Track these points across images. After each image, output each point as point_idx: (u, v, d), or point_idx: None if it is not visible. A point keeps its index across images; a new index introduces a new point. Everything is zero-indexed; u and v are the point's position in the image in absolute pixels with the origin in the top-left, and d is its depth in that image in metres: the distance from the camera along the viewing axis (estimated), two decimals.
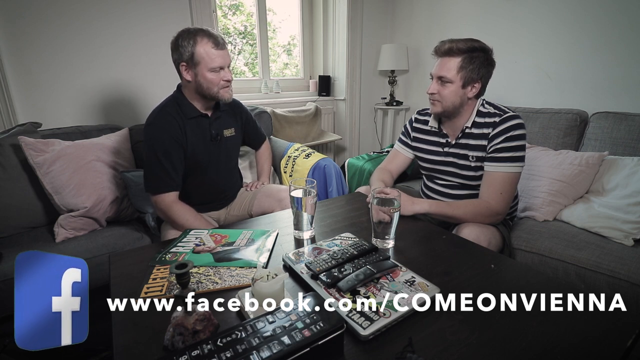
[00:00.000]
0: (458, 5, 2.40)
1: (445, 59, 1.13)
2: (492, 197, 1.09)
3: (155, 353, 0.56)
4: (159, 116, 1.15)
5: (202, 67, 1.12)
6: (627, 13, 1.67)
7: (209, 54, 1.11)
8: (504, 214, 1.12)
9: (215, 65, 1.12)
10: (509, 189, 1.09)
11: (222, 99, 1.18)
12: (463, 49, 1.10)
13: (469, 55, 1.10)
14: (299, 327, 0.51)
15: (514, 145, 1.08)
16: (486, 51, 1.12)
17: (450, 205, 1.11)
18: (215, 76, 1.14)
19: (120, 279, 0.77)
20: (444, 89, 1.13)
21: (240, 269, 0.79)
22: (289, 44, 2.97)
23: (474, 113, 1.16)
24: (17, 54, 1.63)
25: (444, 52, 1.13)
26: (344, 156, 3.02)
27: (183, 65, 1.13)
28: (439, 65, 1.14)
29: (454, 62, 1.11)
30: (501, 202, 1.09)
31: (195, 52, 1.10)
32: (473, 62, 1.10)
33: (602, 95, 1.81)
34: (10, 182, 1.40)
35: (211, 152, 1.25)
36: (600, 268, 1.14)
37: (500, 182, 1.09)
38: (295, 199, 0.90)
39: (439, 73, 1.14)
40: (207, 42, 1.11)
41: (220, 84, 1.15)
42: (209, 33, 1.13)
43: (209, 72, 1.13)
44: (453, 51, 1.11)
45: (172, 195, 1.16)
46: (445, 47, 1.12)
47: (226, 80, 1.16)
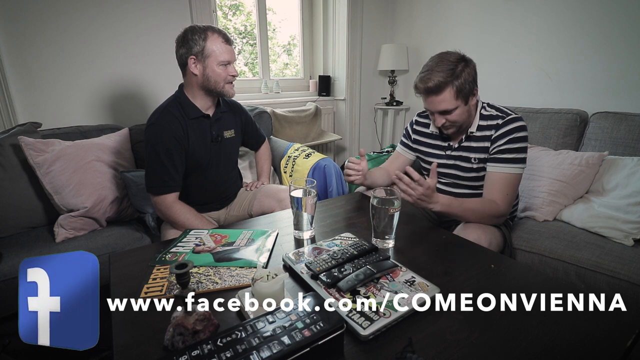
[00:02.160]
0: (458, 5, 2.40)
1: (434, 96, 1.06)
2: (498, 198, 1.09)
3: (155, 353, 0.56)
4: (161, 116, 1.15)
5: (212, 60, 1.15)
6: (627, 13, 1.67)
7: (219, 48, 1.16)
8: (507, 215, 1.12)
9: (224, 60, 1.17)
10: (512, 190, 1.09)
11: (226, 94, 1.22)
12: (448, 79, 1.03)
13: (455, 78, 1.04)
14: (299, 327, 0.51)
15: (517, 147, 1.08)
16: (462, 59, 1.06)
17: (461, 205, 1.06)
18: (223, 70, 1.18)
19: (120, 279, 0.77)
20: (452, 116, 1.09)
21: (240, 269, 0.79)
22: (289, 43, 2.97)
23: (477, 117, 1.15)
24: (17, 54, 1.63)
25: (430, 92, 1.06)
26: (344, 156, 3.02)
27: (192, 59, 1.16)
28: (433, 102, 1.08)
29: (447, 93, 1.05)
30: (506, 203, 1.09)
31: (206, 46, 1.14)
32: (462, 77, 1.04)
33: (602, 95, 1.81)
34: (10, 182, 1.40)
35: (211, 153, 1.26)
36: (600, 268, 1.14)
37: (504, 183, 1.09)
38: (295, 199, 0.90)
39: (438, 109, 1.08)
40: (217, 37, 1.16)
41: (227, 79, 1.19)
42: (218, 29, 1.18)
43: (218, 66, 1.16)
44: (440, 87, 1.04)
45: (173, 196, 1.17)
46: (428, 86, 1.05)
47: (232, 75, 1.20)
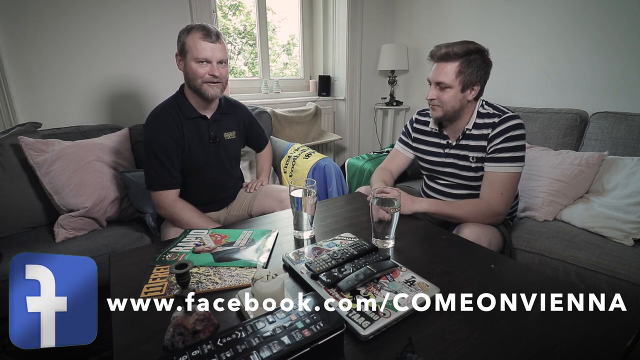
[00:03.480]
0: (458, 5, 2.40)
1: (442, 64, 1.11)
2: (492, 197, 1.09)
3: (155, 353, 0.56)
4: (157, 116, 1.17)
5: (189, 56, 1.13)
6: (627, 13, 1.67)
7: (195, 44, 1.11)
8: (505, 214, 1.12)
9: (200, 56, 1.11)
10: (509, 189, 1.09)
11: (205, 93, 1.15)
12: (460, 53, 1.08)
13: (466, 59, 1.08)
14: (299, 327, 0.51)
15: (513, 146, 1.08)
16: (482, 53, 1.10)
17: (450, 204, 1.11)
18: (200, 67, 1.12)
19: (120, 279, 0.77)
20: (443, 94, 1.12)
21: (240, 269, 0.79)
22: (288, 43, 2.96)
23: (474, 115, 1.16)
24: (17, 54, 1.63)
25: (440, 57, 1.11)
26: (344, 156, 3.02)
27: (177, 56, 1.17)
28: (436, 70, 1.12)
29: (451, 66, 1.09)
30: (501, 202, 1.09)
31: (185, 42, 1.13)
32: (471, 65, 1.08)
33: (602, 95, 1.80)
34: (10, 182, 1.40)
35: (209, 154, 1.26)
36: (600, 268, 1.14)
37: (501, 182, 1.09)
38: (295, 199, 0.90)
39: (436, 79, 1.12)
40: (196, 33, 1.12)
41: (204, 77, 1.13)
42: (203, 26, 1.13)
43: (194, 62, 1.12)
44: (450, 56, 1.08)
45: (174, 193, 1.17)
46: (441, 52, 1.10)
47: (212, 74, 1.13)
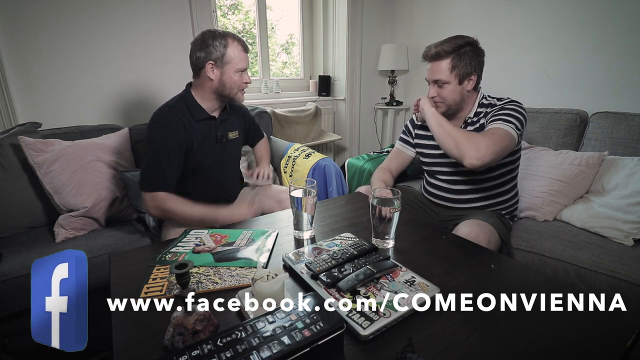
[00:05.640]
0: (458, 5, 2.40)
1: (435, 63, 1.17)
2: (485, 138, 1.04)
3: (155, 353, 0.56)
4: (166, 116, 1.15)
5: (230, 67, 1.17)
6: (627, 13, 1.67)
7: (238, 56, 1.18)
8: (480, 167, 1.03)
9: (242, 67, 1.19)
10: (499, 142, 1.03)
11: (238, 100, 1.25)
12: (450, 50, 1.13)
13: (457, 54, 1.13)
14: (299, 327, 0.51)
15: (508, 112, 1.10)
16: (472, 44, 1.15)
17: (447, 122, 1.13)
18: (239, 77, 1.20)
19: (120, 279, 0.77)
20: (443, 90, 1.18)
21: (240, 269, 0.79)
22: (287, 42, 2.96)
23: (476, 104, 1.21)
24: (17, 54, 1.63)
25: (432, 57, 1.18)
26: (344, 156, 3.02)
27: (210, 64, 1.16)
28: (431, 69, 1.19)
29: (444, 63, 1.15)
30: (489, 148, 1.01)
31: (226, 52, 1.16)
32: (463, 58, 1.13)
33: (602, 95, 1.80)
34: (10, 182, 1.40)
35: (215, 154, 1.26)
36: (600, 268, 1.14)
37: (494, 133, 1.06)
38: (295, 199, 0.90)
39: (433, 77, 1.19)
40: (237, 45, 1.18)
41: (240, 86, 1.22)
42: (238, 37, 1.20)
43: (235, 73, 1.19)
44: (441, 54, 1.15)
45: (165, 194, 1.14)
46: (432, 52, 1.17)
47: (246, 82, 1.23)
